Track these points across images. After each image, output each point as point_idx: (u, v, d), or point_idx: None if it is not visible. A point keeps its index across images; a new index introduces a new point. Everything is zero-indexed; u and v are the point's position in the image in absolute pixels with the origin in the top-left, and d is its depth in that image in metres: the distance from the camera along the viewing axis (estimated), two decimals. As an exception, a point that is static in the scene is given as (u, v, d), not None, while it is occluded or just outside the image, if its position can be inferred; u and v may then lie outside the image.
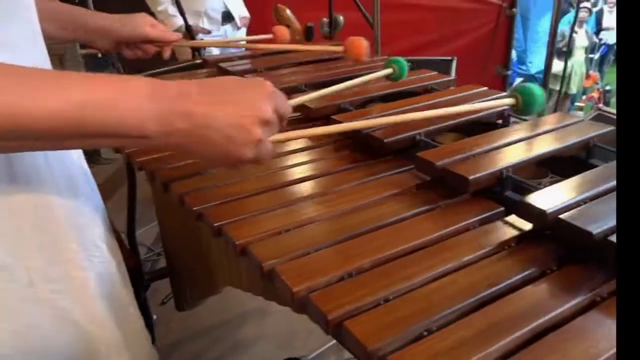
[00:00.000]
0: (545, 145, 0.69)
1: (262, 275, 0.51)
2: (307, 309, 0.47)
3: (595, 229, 0.47)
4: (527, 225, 0.55)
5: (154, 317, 1.80)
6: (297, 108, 0.97)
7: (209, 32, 2.48)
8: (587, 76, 5.76)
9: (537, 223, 0.53)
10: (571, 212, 0.51)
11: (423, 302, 0.45)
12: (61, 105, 0.41)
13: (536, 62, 6.44)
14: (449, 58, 4.34)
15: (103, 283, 0.61)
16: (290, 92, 1.07)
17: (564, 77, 4.89)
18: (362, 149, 0.78)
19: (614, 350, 0.38)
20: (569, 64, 5.24)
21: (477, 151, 0.67)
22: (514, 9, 4.12)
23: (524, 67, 6.67)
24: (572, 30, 5.06)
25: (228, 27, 2.57)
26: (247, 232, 0.57)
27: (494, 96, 0.87)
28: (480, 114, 0.82)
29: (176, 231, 1.21)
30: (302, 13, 2.33)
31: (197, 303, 1.49)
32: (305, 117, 0.95)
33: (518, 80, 5.77)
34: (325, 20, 2.31)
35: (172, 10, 2.31)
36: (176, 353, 1.81)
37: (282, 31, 1.05)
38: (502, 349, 0.40)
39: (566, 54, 5.09)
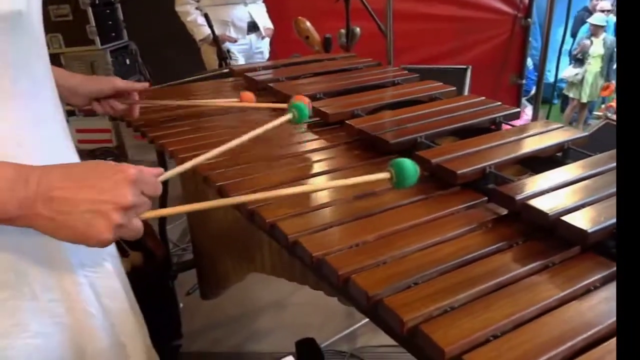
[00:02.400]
0: (525, 146, 0.81)
1: (288, 244, 0.65)
2: (323, 269, 0.60)
3: (551, 211, 0.60)
4: (504, 211, 0.68)
5: (181, 305, 1.94)
6: (316, 113, 1.10)
7: (235, 40, 2.64)
8: (606, 86, 5.74)
9: (508, 207, 0.66)
10: (535, 198, 0.64)
11: (412, 263, 0.58)
12: None
13: (551, 69, 6.45)
14: (464, 67, 4.43)
15: (99, 296, 0.65)
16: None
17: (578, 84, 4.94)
18: (370, 150, 0.92)
19: (553, 299, 0.51)
20: (580, 71, 5.29)
21: (466, 151, 0.80)
22: (529, 19, 4.18)
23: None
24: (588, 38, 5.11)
25: (253, 36, 2.73)
26: (274, 212, 0.70)
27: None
28: (474, 120, 0.95)
29: (205, 223, 1.35)
30: (321, 24, 2.47)
31: (221, 292, 1.63)
32: (323, 122, 1.08)
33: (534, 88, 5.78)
34: (343, 31, 2.45)
35: (201, 20, 2.48)
36: (199, 339, 1.95)
37: (248, 96, 1.15)
38: (470, 297, 0.52)
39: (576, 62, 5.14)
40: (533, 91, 4.49)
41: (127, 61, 4.23)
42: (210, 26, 2.20)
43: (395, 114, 1.04)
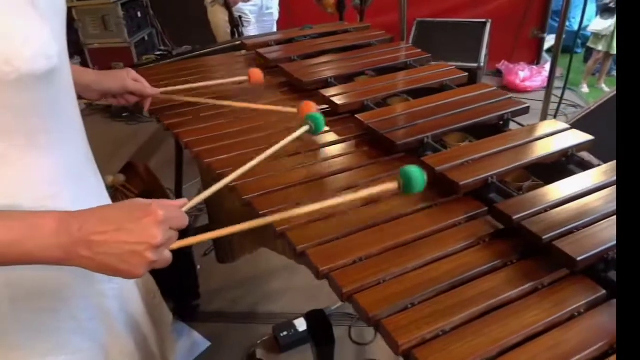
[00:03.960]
0: (529, 153, 0.84)
1: (297, 255, 0.70)
2: (329, 282, 0.65)
3: (545, 234, 0.64)
4: (501, 225, 0.72)
5: (198, 267, 2.04)
6: (327, 102, 1.12)
7: (246, 0, 2.53)
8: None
9: (505, 225, 0.69)
10: (531, 219, 0.67)
11: (411, 282, 0.62)
12: None
13: (579, 19, 6.17)
14: (483, 20, 4.28)
15: (122, 304, 0.74)
16: (320, 85, 1.22)
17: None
18: (378, 147, 0.94)
19: (540, 324, 0.56)
20: (612, 22, 5.04)
21: (471, 157, 0.82)
22: (554, -31, 3.98)
23: (566, 24, 6.38)
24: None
25: None
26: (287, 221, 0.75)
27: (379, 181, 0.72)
28: (482, 118, 0.96)
29: (220, 198, 1.41)
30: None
31: (236, 259, 1.71)
32: (333, 111, 1.10)
33: (551, 37, 5.44)
34: (358, -9, 2.38)
35: None
36: (216, 300, 2.06)
37: (257, 73, 1.15)
38: (462, 319, 0.57)
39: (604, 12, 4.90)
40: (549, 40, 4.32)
41: (139, 14, 4.17)
42: (221, -7, 2.14)
43: (404, 107, 1.05)
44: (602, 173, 0.78)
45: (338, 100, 1.09)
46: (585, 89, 4.86)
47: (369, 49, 1.45)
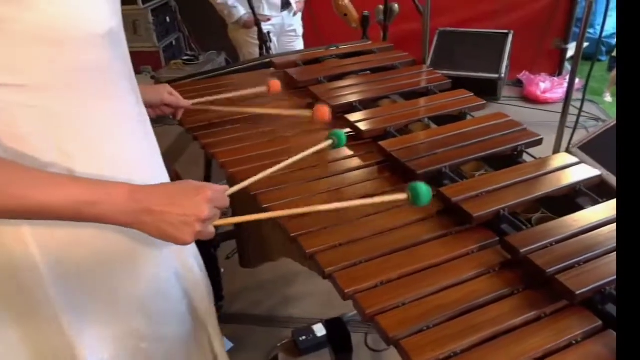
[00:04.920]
0: (539, 187, 0.91)
1: (324, 276, 0.79)
2: (353, 304, 0.74)
3: (549, 268, 0.71)
4: (510, 256, 0.79)
5: (222, 270, 2.14)
6: (351, 127, 1.20)
7: (269, 19, 2.55)
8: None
9: (513, 257, 0.77)
10: (537, 252, 0.74)
11: (426, 307, 0.71)
12: (63, 200, 0.60)
13: (601, 26, 6.12)
14: (505, 32, 4.31)
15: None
16: (346, 108, 1.31)
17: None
18: (399, 174, 1.02)
19: (540, 350, 0.63)
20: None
21: (485, 190, 0.90)
22: (580, -19, 3.97)
23: (590, 31, 6.29)
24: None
25: (285, 13, 2.64)
26: (313, 243, 0.84)
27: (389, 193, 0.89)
28: (497, 149, 1.04)
29: (246, 204, 1.50)
30: (360, 1, 2.48)
31: (259, 265, 1.80)
32: (357, 135, 1.18)
33: (574, 45, 5.38)
34: (381, 7, 2.45)
35: (232, 1, 2.41)
36: (238, 301, 2.16)
37: (275, 83, 1.26)
38: (471, 343, 0.65)
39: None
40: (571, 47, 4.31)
41: (167, 19, 4.30)
42: (252, 6, 2.21)
43: (424, 135, 1.13)
44: (608, 209, 0.85)
45: (362, 126, 1.18)
46: (608, 98, 4.84)
47: (393, 72, 1.53)
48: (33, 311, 0.73)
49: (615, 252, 0.75)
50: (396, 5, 2.46)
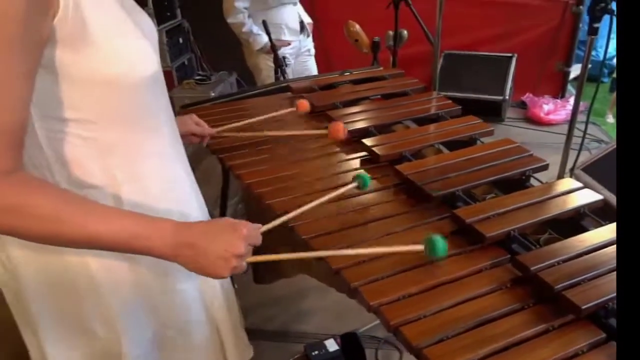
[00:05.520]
0: (546, 210, 0.99)
1: (350, 290, 0.86)
2: (378, 315, 0.81)
3: (557, 284, 0.78)
4: (520, 273, 0.86)
5: (235, 286, 2.20)
6: (368, 151, 1.29)
7: (289, 43, 2.66)
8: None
9: (524, 275, 0.84)
10: (546, 270, 0.82)
11: (445, 319, 0.78)
12: (117, 231, 0.67)
13: (604, 48, 6.22)
14: (509, 55, 4.42)
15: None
16: (362, 133, 1.39)
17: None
18: (415, 196, 1.10)
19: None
20: None
21: (496, 212, 0.98)
22: (580, 7, 4.08)
23: (592, 53, 6.38)
24: None
25: (302, 36, 2.76)
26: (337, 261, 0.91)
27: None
28: (506, 173, 1.12)
29: (262, 218, 1.57)
30: (370, 28, 2.59)
31: (273, 281, 1.87)
32: (373, 159, 1.27)
33: (576, 67, 5.43)
34: (391, 33, 2.56)
35: (256, 29, 2.51)
36: (250, 317, 2.21)
37: (304, 104, 1.35)
38: (486, 353, 0.72)
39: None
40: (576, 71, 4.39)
41: (180, 39, 4.44)
42: (268, 33, 2.32)
43: (437, 160, 1.21)
44: (610, 231, 0.93)
45: (379, 150, 1.26)
46: (610, 119, 4.92)
47: (405, 98, 1.62)
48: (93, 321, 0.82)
49: (615, 271, 0.82)
50: (405, 32, 2.57)
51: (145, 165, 0.81)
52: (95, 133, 0.73)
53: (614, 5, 1.22)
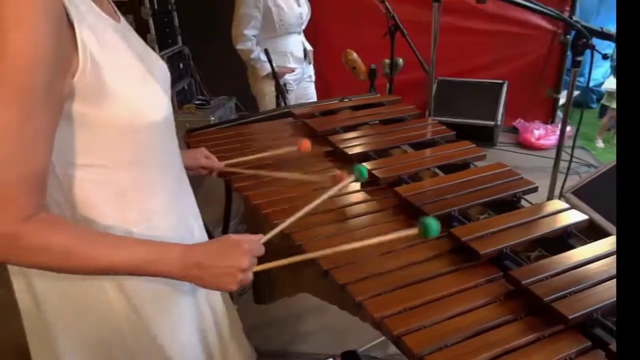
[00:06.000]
0: (536, 229, 1.06)
1: (355, 304, 0.92)
2: (381, 327, 0.87)
3: (546, 297, 0.85)
4: (512, 287, 0.93)
5: (236, 306, 2.24)
6: (369, 174, 1.36)
7: (293, 70, 2.78)
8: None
9: (516, 287, 0.91)
10: (536, 284, 0.88)
11: (444, 329, 0.84)
12: (128, 259, 0.73)
13: (594, 75, 6.40)
14: (500, 82, 4.56)
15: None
16: (363, 157, 1.47)
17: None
18: (413, 217, 1.17)
19: (542, 365, 0.76)
20: (626, 81, 5.23)
21: (489, 231, 1.05)
22: (567, 36, 4.24)
23: (581, 80, 6.55)
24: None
25: (305, 62, 2.87)
26: (345, 275, 0.97)
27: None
28: (498, 195, 1.19)
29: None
30: (367, 56, 2.70)
31: (274, 300, 1.91)
32: (373, 182, 1.34)
33: (565, 93, 5.66)
34: (387, 61, 2.67)
35: (263, 56, 2.60)
36: (250, 338, 2.22)
37: (306, 144, 1.39)
38: (481, 359, 0.78)
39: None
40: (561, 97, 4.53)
41: (180, 65, 4.55)
42: (270, 61, 2.42)
43: (434, 182, 1.29)
44: (595, 248, 1.00)
45: (379, 173, 1.33)
46: (600, 144, 5.05)
47: (402, 124, 1.71)
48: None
49: (602, 284, 0.89)
50: (401, 60, 2.68)
51: (155, 203, 0.86)
52: (109, 177, 0.78)
53: (594, 41, 1.32)
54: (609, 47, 5.56)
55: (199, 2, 4.24)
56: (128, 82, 0.75)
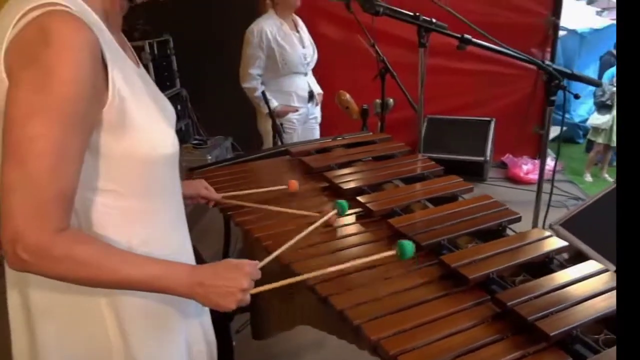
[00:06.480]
0: (520, 255, 1.13)
1: (353, 328, 0.98)
2: (377, 349, 0.93)
3: (530, 316, 0.92)
4: (499, 309, 1.00)
5: (234, 343, 2.26)
6: (363, 207, 1.44)
7: (296, 110, 2.91)
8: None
9: (502, 309, 0.97)
10: (520, 305, 0.95)
11: (436, 349, 0.90)
12: (143, 274, 0.81)
13: (580, 111, 6.60)
14: (488, 119, 4.71)
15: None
16: (357, 191, 1.55)
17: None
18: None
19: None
20: (610, 117, 5.40)
21: (477, 258, 1.12)
22: (550, 76, 4.41)
23: (567, 116, 6.71)
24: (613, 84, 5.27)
25: (310, 104, 3.00)
26: (344, 300, 1.03)
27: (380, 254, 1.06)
28: (484, 225, 1.27)
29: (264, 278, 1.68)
30: (360, 96, 2.83)
31: (272, 335, 1.94)
32: (367, 214, 1.42)
33: (552, 129, 5.82)
34: (378, 101, 2.80)
35: (267, 95, 2.73)
36: (249, 373, 2.25)
37: (294, 184, 1.52)
38: (471, 376, 0.84)
39: (605, 107, 5.28)
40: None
41: (179, 107, 4.68)
42: (266, 101, 2.55)
43: (424, 214, 1.37)
44: (574, 272, 1.07)
45: (372, 206, 1.41)
46: (588, 178, 5.18)
47: (393, 160, 1.80)
48: None
49: (581, 304, 0.96)
50: (391, 100, 2.81)
51: (157, 231, 0.93)
52: (120, 202, 0.86)
53: (565, 82, 1.44)
54: (585, 88, 5.76)
55: (196, 48, 4.42)
56: (145, 119, 0.85)
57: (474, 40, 1.46)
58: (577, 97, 1.44)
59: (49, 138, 0.72)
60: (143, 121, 0.84)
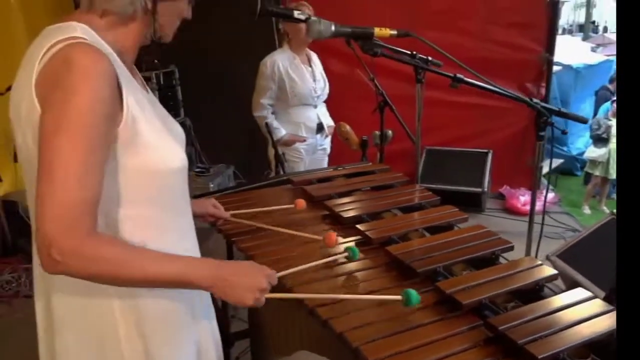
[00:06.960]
0: (512, 282, 1.19)
1: (352, 350, 1.02)
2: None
3: (520, 340, 0.96)
4: (491, 334, 1.04)
5: (235, 369, 2.27)
6: (362, 235, 1.50)
7: (304, 140, 3.01)
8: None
9: (495, 334, 1.02)
10: (512, 329, 1.00)
11: (430, 371, 0.94)
12: (171, 271, 0.89)
13: (577, 144, 6.70)
14: (485, 151, 4.79)
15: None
16: (357, 220, 1.61)
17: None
18: (403, 273, 1.29)
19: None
20: (606, 150, 5.50)
21: (471, 284, 1.17)
22: (546, 110, 4.52)
23: (564, 149, 6.79)
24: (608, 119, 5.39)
25: (318, 135, 3.09)
26: (343, 323, 1.08)
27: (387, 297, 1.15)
28: (478, 253, 1.33)
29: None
30: (359, 128, 2.92)
31: (272, 360, 1.96)
32: (366, 242, 1.47)
33: (548, 162, 5.86)
34: (377, 133, 2.88)
35: (276, 124, 2.89)
36: (248, 400, 2.26)
37: (301, 203, 1.58)
38: (465, 396, 0.89)
39: (600, 141, 5.38)
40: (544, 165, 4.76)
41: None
42: (270, 133, 2.64)
43: (421, 242, 1.43)
44: (563, 298, 1.12)
45: (371, 234, 1.47)
46: (587, 210, 5.24)
47: (391, 190, 1.87)
48: None
49: (569, 329, 1.01)
50: (390, 131, 2.89)
51: (168, 239, 1.01)
52: (134, 211, 0.95)
53: (553, 119, 1.52)
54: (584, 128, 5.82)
55: (200, 78, 4.55)
56: (154, 136, 0.95)
57: (465, 79, 1.55)
58: (564, 132, 1.51)
59: (73, 151, 0.81)
60: (152, 139, 0.93)
